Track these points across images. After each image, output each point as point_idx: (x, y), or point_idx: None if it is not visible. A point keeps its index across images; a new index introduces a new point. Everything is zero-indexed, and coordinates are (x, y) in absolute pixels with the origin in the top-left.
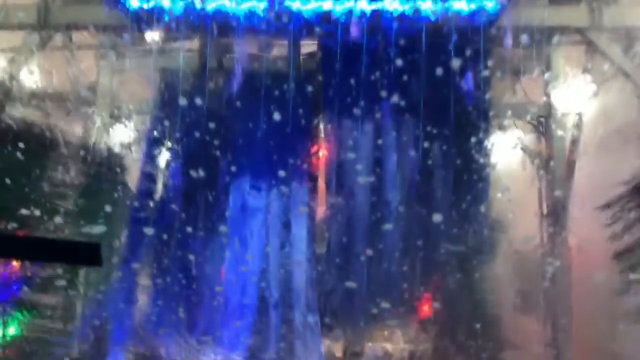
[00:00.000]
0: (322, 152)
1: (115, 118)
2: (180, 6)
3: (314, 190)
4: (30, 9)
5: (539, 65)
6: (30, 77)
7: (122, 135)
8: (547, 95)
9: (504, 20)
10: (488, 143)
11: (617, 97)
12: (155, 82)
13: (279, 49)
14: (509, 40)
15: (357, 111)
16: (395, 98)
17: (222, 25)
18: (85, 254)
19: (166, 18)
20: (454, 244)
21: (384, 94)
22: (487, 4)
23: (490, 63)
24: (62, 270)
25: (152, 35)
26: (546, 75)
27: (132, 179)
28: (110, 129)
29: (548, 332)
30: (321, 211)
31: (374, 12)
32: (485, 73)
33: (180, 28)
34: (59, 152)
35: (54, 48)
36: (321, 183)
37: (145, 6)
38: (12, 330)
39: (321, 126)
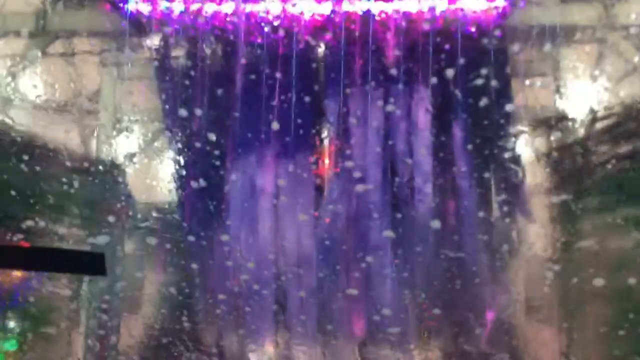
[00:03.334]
0: (324, 161)
1: (118, 127)
2: (179, 10)
3: (315, 198)
4: (29, 16)
5: (550, 65)
6: (31, 86)
7: (125, 145)
8: (558, 95)
9: (513, 19)
10: (498, 146)
11: (631, 95)
12: (156, 90)
13: (279, 52)
14: (518, 40)
15: (359, 116)
16: (399, 103)
17: (222, 30)
18: (90, 263)
19: (166, 23)
20: (455, 251)
21: (387, 98)
22: (496, 3)
23: (498, 64)
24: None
25: (154, 41)
26: (557, 76)
27: (136, 189)
28: (113, 139)
29: (563, 339)
30: (323, 219)
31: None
32: (494, 75)
33: (180, 33)
34: (63, 163)
35: (54, 55)
36: (324, 191)
37: (146, 12)
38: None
39: (322, 133)
